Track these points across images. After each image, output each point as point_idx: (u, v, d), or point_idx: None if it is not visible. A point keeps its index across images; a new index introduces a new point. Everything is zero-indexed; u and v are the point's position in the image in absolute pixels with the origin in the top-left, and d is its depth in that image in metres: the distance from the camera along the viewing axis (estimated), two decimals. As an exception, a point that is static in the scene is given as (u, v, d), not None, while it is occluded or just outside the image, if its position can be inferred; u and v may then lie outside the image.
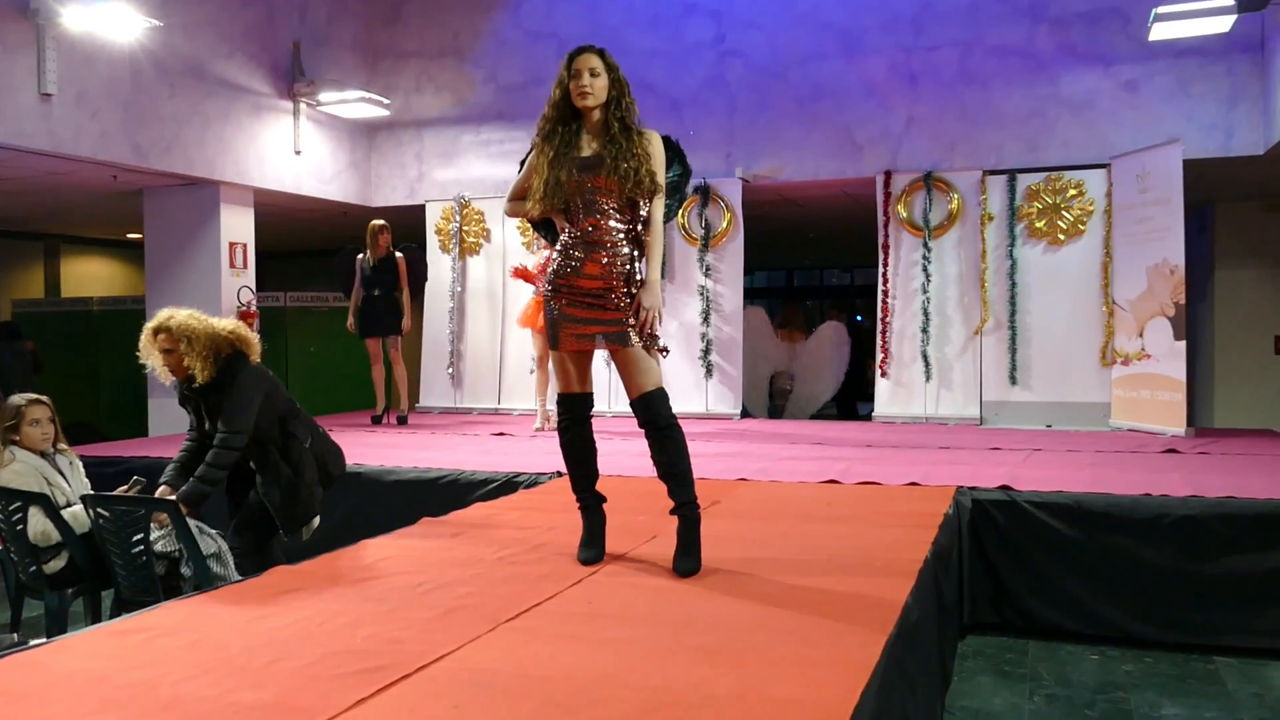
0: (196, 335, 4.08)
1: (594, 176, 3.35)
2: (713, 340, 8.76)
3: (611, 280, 3.36)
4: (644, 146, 3.38)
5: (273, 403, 4.18)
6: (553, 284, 3.44)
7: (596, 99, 3.37)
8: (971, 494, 4.76)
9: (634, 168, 3.32)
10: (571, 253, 3.39)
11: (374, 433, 7.86)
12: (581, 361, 3.49)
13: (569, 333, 3.40)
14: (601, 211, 3.37)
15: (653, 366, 3.40)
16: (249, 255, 8.85)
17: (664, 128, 9.03)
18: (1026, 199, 8.02)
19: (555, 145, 3.42)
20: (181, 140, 8.03)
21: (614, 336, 3.37)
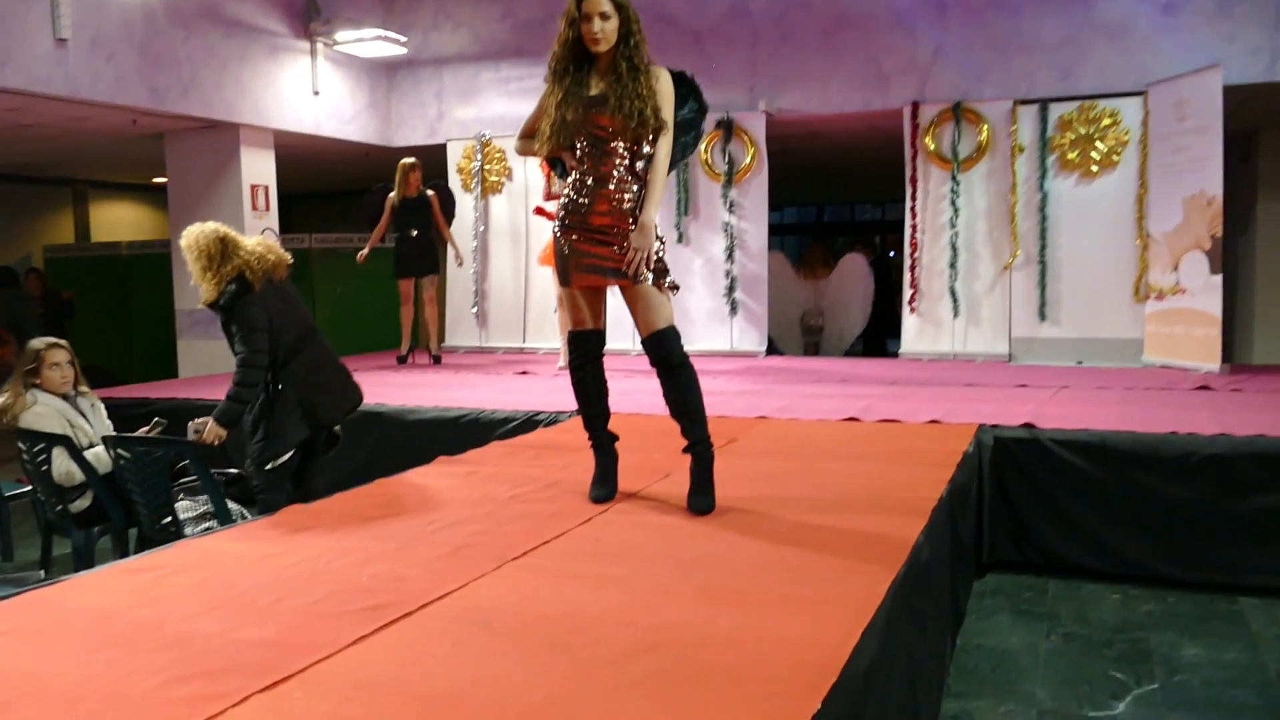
0: (197, 254, 4.05)
1: (600, 115, 3.29)
2: (737, 277, 8.69)
3: (619, 217, 3.33)
4: (650, 85, 3.30)
5: (274, 333, 4.07)
6: (562, 221, 3.40)
7: (608, 42, 3.31)
8: (994, 432, 4.71)
9: (639, 108, 3.26)
10: (580, 191, 3.36)
11: (399, 372, 7.89)
12: (592, 298, 3.46)
13: (579, 269, 3.38)
14: (609, 151, 3.32)
15: (663, 303, 3.36)
16: (271, 197, 8.85)
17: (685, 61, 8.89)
18: (1059, 129, 7.83)
19: (565, 85, 3.36)
20: (198, 83, 7.99)
21: (622, 273, 3.33)
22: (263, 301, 4.06)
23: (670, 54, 8.90)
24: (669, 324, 3.36)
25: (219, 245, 4.05)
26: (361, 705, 1.95)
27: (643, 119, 3.26)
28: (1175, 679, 3.58)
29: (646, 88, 3.28)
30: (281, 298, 4.16)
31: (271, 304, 4.08)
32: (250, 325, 4.02)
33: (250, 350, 4.02)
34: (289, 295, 4.23)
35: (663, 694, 1.95)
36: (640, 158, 3.36)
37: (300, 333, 4.18)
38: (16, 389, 4.27)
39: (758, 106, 8.49)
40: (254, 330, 4.02)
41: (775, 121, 8.60)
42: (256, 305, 4.03)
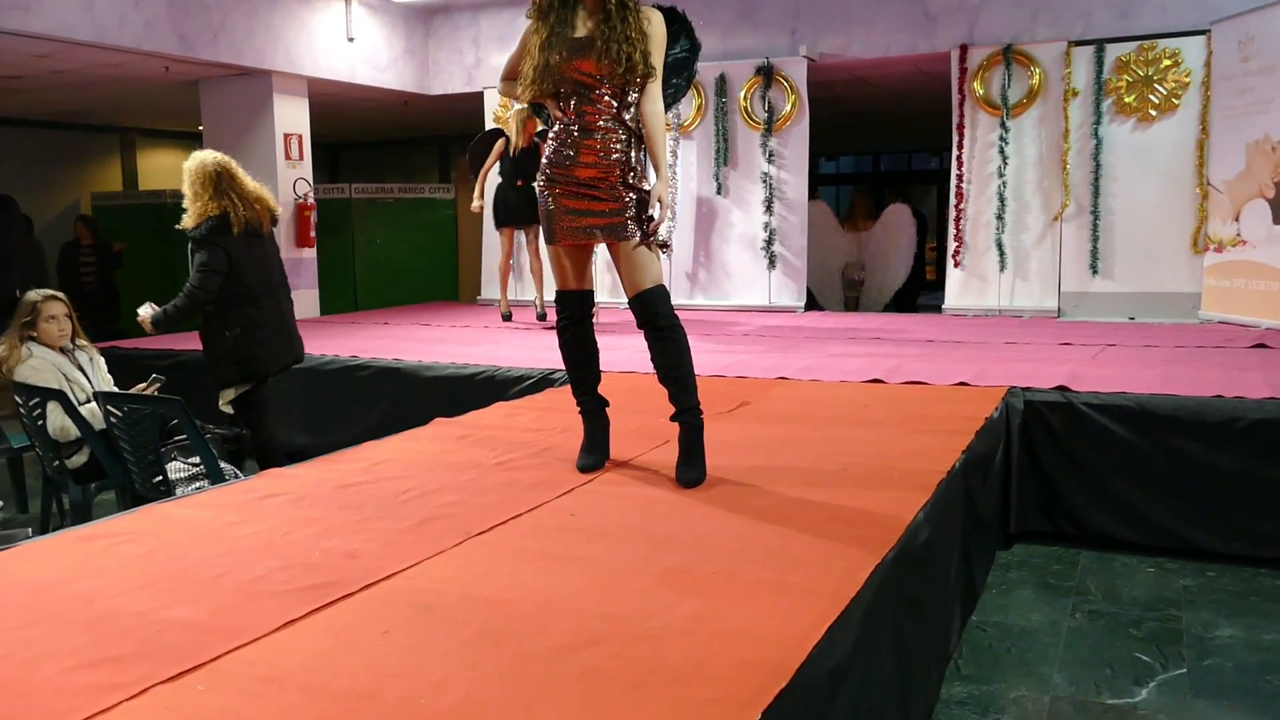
0: (193, 178, 4.26)
1: (585, 59, 3.04)
2: (776, 230, 8.38)
3: (607, 169, 3.09)
4: (640, 26, 3.03)
5: (230, 279, 4.26)
6: (547, 175, 3.18)
7: None
8: (1025, 395, 4.41)
9: (627, 52, 3.00)
10: (565, 141, 3.12)
11: (426, 327, 7.75)
12: (579, 256, 3.23)
13: (564, 226, 3.15)
14: (595, 97, 3.08)
15: (651, 262, 3.12)
16: (304, 146, 8.70)
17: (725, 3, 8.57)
18: (1115, 72, 7.35)
19: (549, 24, 3.11)
20: (229, 29, 7.83)
21: (611, 229, 3.10)
22: (231, 247, 4.22)
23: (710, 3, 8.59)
24: (656, 283, 3.12)
25: (215, 177, 4.22)
26: (264, 702, 1.78)
27: (630, 64, 3.00)
28: (1206, 662, 3.30)
29: (636, 30, 3.02)
30: (252, 249, 4.31)
31: (238, 252, 4.24)
32: (209, 266, 4.21)
33: (198, 287, 4.25)
34: (262, 248, 4.37)
35: (589, 696, 1.75)
36: (628, 106, 3.11)
37: (256, 288, 4.34)
38: (12, 341, 4.18)
39: (798, 51, 8.11)
40: (211, 272, 4.22)
41: (817, 67, 8.22)
42: (223, 249, 4.21)
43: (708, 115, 8.52)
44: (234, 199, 4.21)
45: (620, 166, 3.08)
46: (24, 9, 6.54)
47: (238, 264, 4.25)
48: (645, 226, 3.10)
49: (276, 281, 4.46)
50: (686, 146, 8.65)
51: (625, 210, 3.08)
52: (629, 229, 3.08)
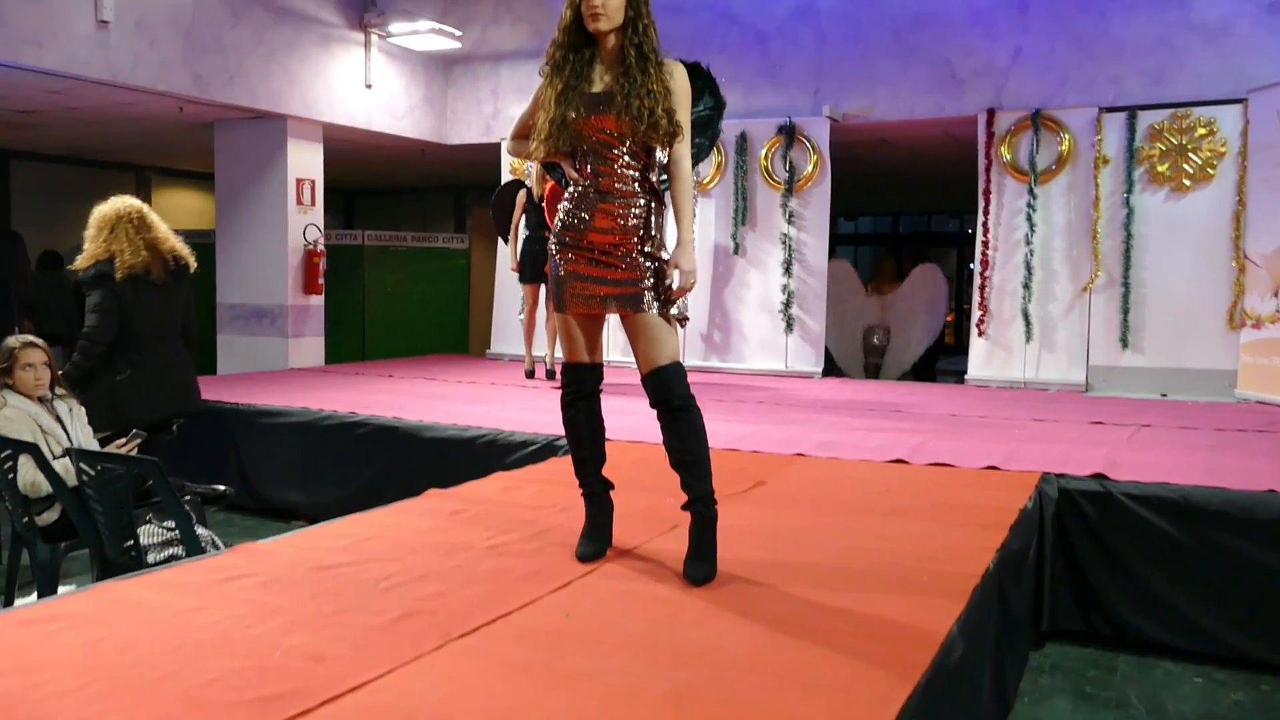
0: (95, 220, 4.43)
1: (604, 116, 2.81)
2: (794, 293, 8.13)
3: (624, 235, 2.85)
4: (663, 81, 2.80)
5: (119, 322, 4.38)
6: (559, 238, 2.92)
7: (610, 21, 2.81)
8: (1059, 482, 4.10)
9: (649, 107, 2.76)
10: (579, 203, 2.88)
11: (431, 381, 7.50)
12: (590, 327, 2.96)
13: (575, 294, 2.90)
14: (613, 156, 2.84)
15: (668, 337, 2.86)
16: (317, 192, 8.53)
17: (748, 62, 8.42)
18: (1148, 139, 7.12)
19: (564, 77, 2.88)
20: (245, 71, 7.69)
21: (626, 300, 2.84)
22: (118, 291, 4.35)
23: (733, 54, 8.44)
24: (673, 360, 2.85)
25: (114, 222, 4.38)
26: None
27: (653, 121, 2.76)
28: (1264, 796, 2.97)
29: (658, 84, 2.78)
30: (140, 294, 4.41)
31: (124, 296, 4.37)
32: (100, 306, 4.37)
33: (92, 327, 4.37)
34: (153, 295, 4.47)
35: None
36: (651, 167, 2.87)
37: (140, 333, 4.44)
38: (-14, 390, 3.93)
39: (822, 111, 7.91)
40: (103, 312, 4.37)
41: (841, 127, 8.03)
42: (110, 291, 4.34)
43: (727, 173, 8.33)
44: (125, 244, 4.35)
45: (638, 233, 2.84)
46: (37, 45, 6.40)
47: (123, 308, 4.37)
48: (663, 297, 2.83)
49: (166, 331, 4.55)
50: (705, 205, 8.44)
51: (642, 280, 2.83)
52: (645, 300, 2.82)
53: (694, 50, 8.23)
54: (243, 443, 5.97)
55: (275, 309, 8.30)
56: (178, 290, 4.58)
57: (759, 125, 8.20)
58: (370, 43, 8.70)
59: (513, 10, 9.18)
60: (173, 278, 4.54)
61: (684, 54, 8.13)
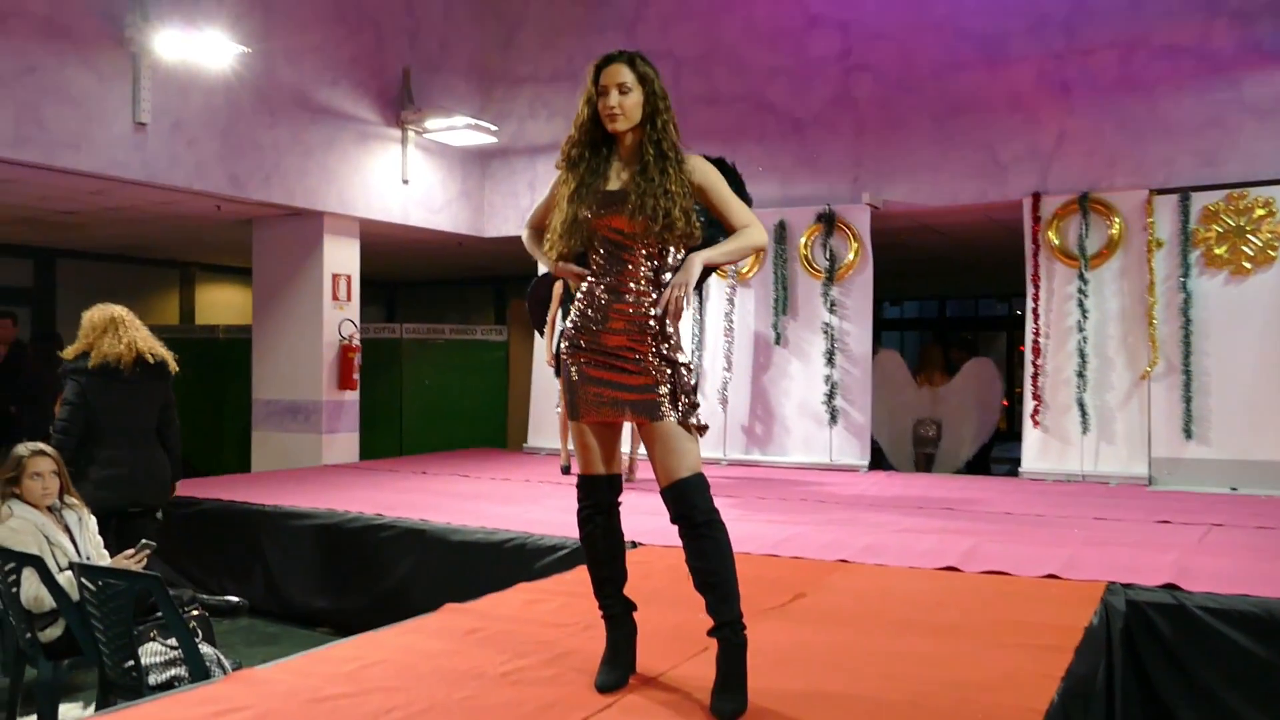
0: (82, 324, 4.76)
1: (617, 215, 2.68)
2: (838, 383, 7.89)
3: (638, 338, 2.69)
4: (681, 179, 2.66)
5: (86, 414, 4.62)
6: (571, 341, 2.77)
7: (628, 120, 2.71)
8: (1127, 593, 3.78)
9: (665, 208, 2.62)
10: (593, 305, 2.74)
11: (465, 479, 7.31)
12: (606, 436, 2.78)
13: (590, 400, 2.73)
14: (627, 257, 2.70)
15: (688, 447, 2.66)
16: (353, 287, 8.49)
17: (785, 150, 8.33)
18: (1203, 221, 6.86)
19: (579, 175, 2.77)
20: (282, 169, 7.73)
21: (641, 407, 2.66)
22: (87, 386, 4.60)
23: (770, 143, 8.36)
24: (694, 471, 2.64)
25: (99, 324, 4.70)
26: None
27: (669, 221, 2.62)
28: None
29: (677, 183, 2.64)
30: (109, 389, 4.63)
31: (94, 389, 4.61)
32: (68, 400, 4.62)
33: (63, 420, 4.61)
34: (123, 390, 4.67)
35: None
36: (666, 268, 2.71)
37: (105, 427, 4.64)
38: (-7, 500, 3.81)
39: (862, 199, 7.77)
40: (70, 405, 4.61)
41: (881, 215, 7.87)
42: (79, 386, 4.61)
43: (766, 262, 8.18)
44: (105, 341, 4.63)
45: (654, 336, 2.67)
46: (75, 148, 6.46)
47: (91, 402, 4.60)
48: (682, 404, 2.64)
49: (133, 426, 4.73)
50: (744, 295, 8.29)
51: (658, 386, 2.66)
52: (662, 408, 2.63)
53: (731, 140, 8.22)
54: (269, 545, 5.81)
55: (309, 405, 8.22)
56: (152, 388, 4.79)
57: (798, 213, 8.07)
58: (407, 139, 8.74)
59: (548, 104, 9.22)
60: (147, 375, 4.74)
61: (721, 144, 8.15)
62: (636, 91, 2.70)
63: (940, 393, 9.21)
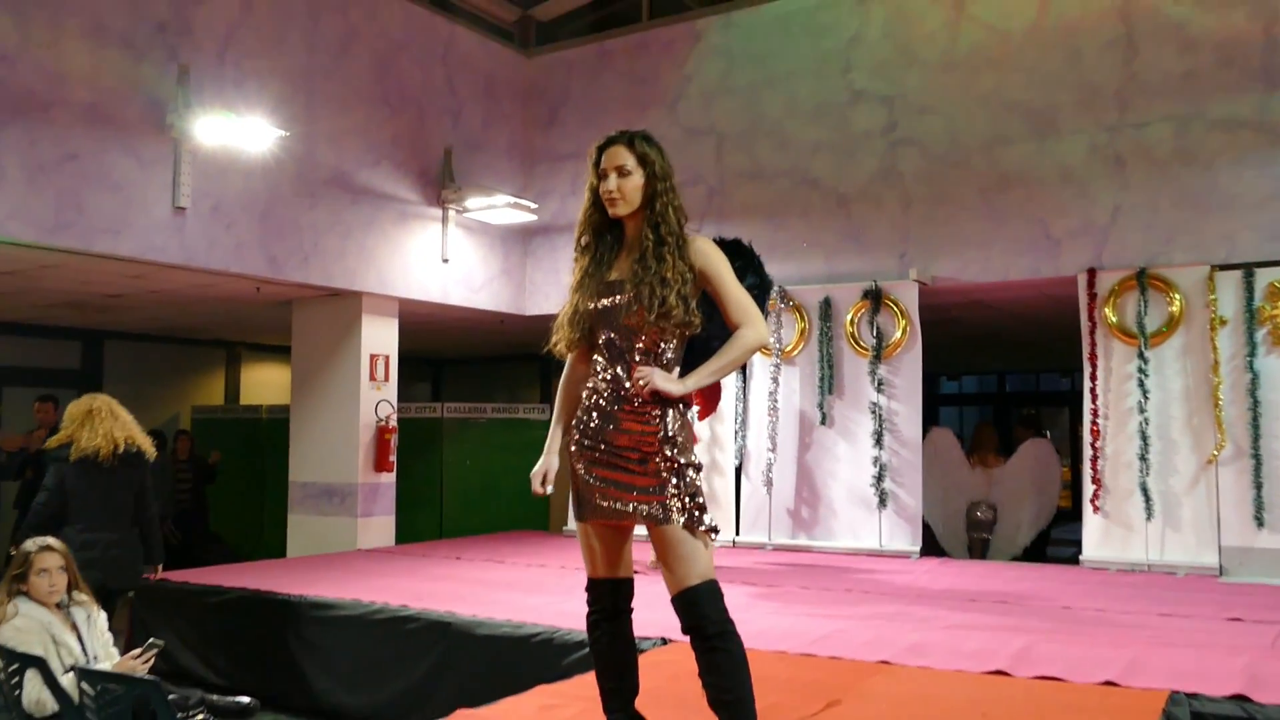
0: (65, 416, 5.19)
1: (615, 305, 2.68)
2: (887, 465, 7.69)
3: (642, 438, 2.63)
4: (679, 267, 2.60)
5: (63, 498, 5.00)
6: (577, 440, 2.74)
7: (629, 204, 2.72)
8: (1192, 704, 3.54)
9: (661, 295, 2.60)
10: (598, 401, 2.70)
11: (499, 565, 7.20)
12: (612, 539, 2.71)
13: (595, 501, 2.69)
14: (629, 350, 2.66)
15: (698, 553, 2.56)
16: (390, 368, 8.51)
17: (830, 226, 8.27)
18: (1268, 299, 6.62)
19: (586, 264, 2.81)
20: (320, 251, 7.80)
21: (649, 510, 2.57)
22: (64, 472, 4.99)
23: (815, 218, 8.29)
24: (705, 579, 2.53)
25: (83, 415, 5.10)
26: None
27: (665, 310, 2.58)
28: None
29: (675, 270, 2.60)
30: (88, 475, 5.04)
31: (71, 476, 5.01)
32: (46, 485, 5.03)
33: (40, 503, 5.00)
34: (101, 477, 5.07)
35: None
36: (675, 361, 2.64)
37: (81, 510, 4.99)
38: (1, 597, 3.77)
39: (909, 274, 7.64)
40: (47, 490, 5.00)
41: (930, 290, 7.73)
42: (57, 472, 5.01)
43: (811, 340, 8.06)
44: (85, 431, 5.02)
45: (660, 434, 2.59)
46: (114, 233, 6.57)
47: (70, 486, 5.00)
48: (690, 509, 2.53)
49: (106, 510, 5.10)
50: (789, 373, 8.16)
51: (665, 488, 2.57)
52: (670, 512, 2.53)
53: (775, 215, 8.19)
54: (293, 638, 5.72)
55: (345, 487, 8.19)
56: (128, 475, 5.19)
57: (843, 290, 7.96)
58: (448, 218, 8.81)
59: (590, 182, 9.26)
60: (123, 463, 5.13)
61: (764, 220, 8.12)
62: (637, 174, 2.70)
63: (995, 474, 8.94)
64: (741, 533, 8.17)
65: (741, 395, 8.29)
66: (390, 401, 8.42)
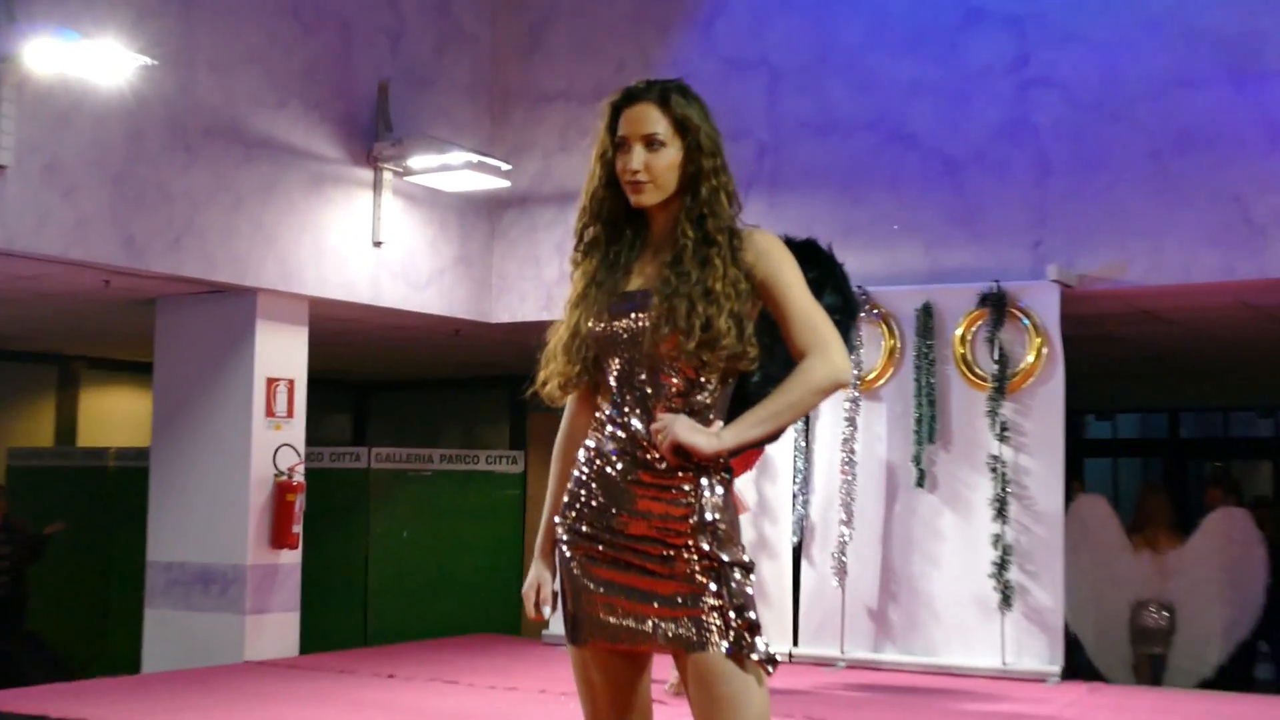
0: None
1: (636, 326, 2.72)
2: (1013, 546, 7.69)
3: (667, 522, 2.65)
4: (731, 276, 2.66)
5: None
6: (569, 524, 2.78)
7: (660, 189, 2.74)
8: None
9: (705, 314, 2.61)
10: (604, 469, 2.74)
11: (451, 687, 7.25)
12: (623, 672, 2.75)
13: (598, 615, 2.70)
14: (657, 393, 2.71)
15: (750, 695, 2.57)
16: (297, 398, 8.54)
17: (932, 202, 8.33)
18: None
19: (592, 268, 2.84)
20: (198, 228, 7.81)
21: (676, 630, 2.62)
22: None
23: (910, 190, 8.30)
24: (755, 729, 2.53)
25: None
26: None
27: (710, 336, 2.61)
28: None
29: (723, 278, 2.64)
30: None
31: None
32: None
33: None
34: None
35: None
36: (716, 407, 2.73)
37: None
38: None
39: (1047, 273, 7.64)
40: None
41: (1077, 295, 7.74)
42: None
43: (904, 365, 8.06)
44: None
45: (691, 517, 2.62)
46: (-95, 202, 6.61)
47: None
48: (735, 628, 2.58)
49: None
50: (871, 411, 8.16)
51: (700, 597, 2.60)
52: (707, 634, 2.57)
53: (851, 186, 8.24)
54: None
55: (228, 571, 8.19)
56: None
57: (950, 294, 7.96)
58: (382, 183, 8.83)
59: (587, 132, 9.21)
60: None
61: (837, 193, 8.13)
62: (673, 146, 2.72)
63: (1171, 560, 8.96)
64: (801, 643, 8.17)
65: (803, 442, 8.28)
66: (295, 447, 8.44)
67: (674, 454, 2.62)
